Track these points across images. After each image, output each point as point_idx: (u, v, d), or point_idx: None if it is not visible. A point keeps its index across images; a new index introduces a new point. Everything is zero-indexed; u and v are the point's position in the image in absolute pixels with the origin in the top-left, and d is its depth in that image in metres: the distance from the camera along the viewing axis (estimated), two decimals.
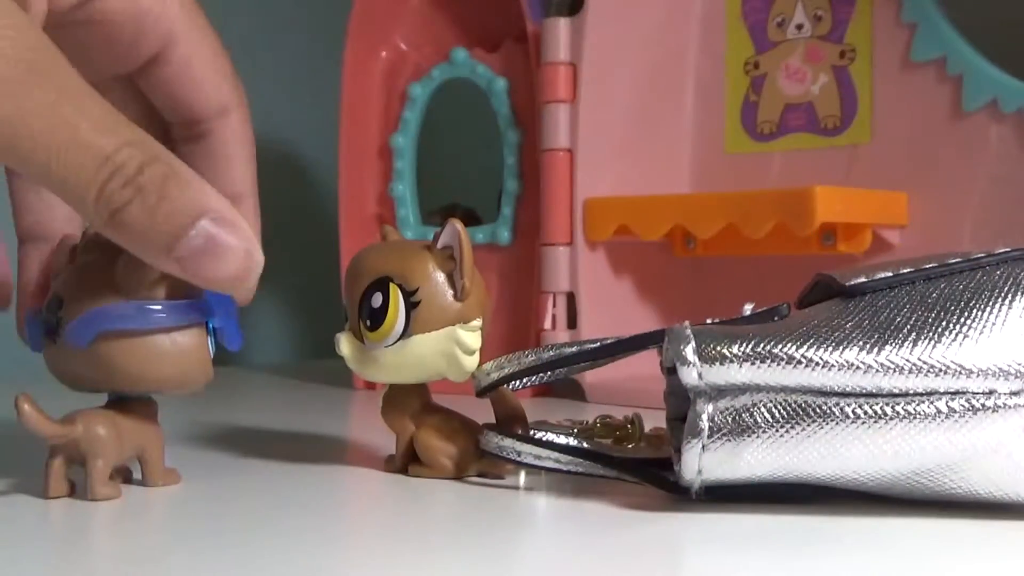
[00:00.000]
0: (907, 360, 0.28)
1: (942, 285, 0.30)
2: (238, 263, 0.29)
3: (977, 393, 0.28)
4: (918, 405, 0.28)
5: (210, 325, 0.33)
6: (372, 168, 0.67)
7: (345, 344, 0.35)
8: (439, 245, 0.34)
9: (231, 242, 0.29)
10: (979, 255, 0.31)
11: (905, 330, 0.29)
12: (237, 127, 0.35)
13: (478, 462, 0.35)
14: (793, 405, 0.28)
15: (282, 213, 0.84)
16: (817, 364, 0.28)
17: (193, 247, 0.29)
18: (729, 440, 0.29)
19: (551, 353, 0.34)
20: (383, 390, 0.37)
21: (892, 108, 0.57)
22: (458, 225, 0.34)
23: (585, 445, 0.34)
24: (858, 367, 0.28)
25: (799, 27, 0.60)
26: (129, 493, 0.33)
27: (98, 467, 0.32)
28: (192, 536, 0.29)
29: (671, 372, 0.31)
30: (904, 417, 0.28)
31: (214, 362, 0.34)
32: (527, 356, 0.34)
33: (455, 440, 0.35)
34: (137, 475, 0.34)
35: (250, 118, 0.36)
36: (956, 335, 0.28)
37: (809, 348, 0.28)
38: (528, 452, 0.33)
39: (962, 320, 0.29)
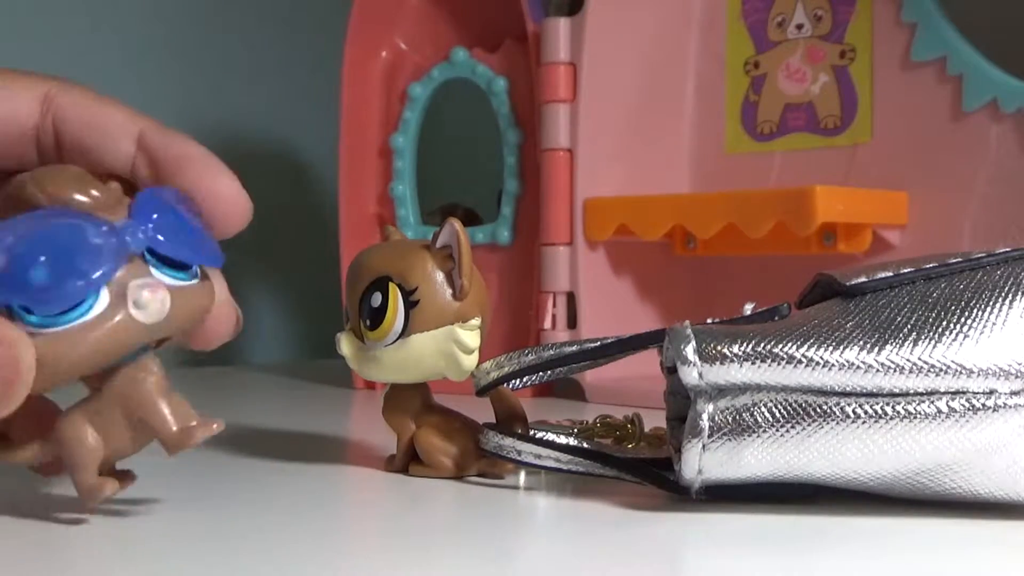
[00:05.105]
0: (907, 360, 0.28)
1: (942, 285, 0.30)
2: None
3: (977, 393, 0.28)
4: (918, 405, 0.28)
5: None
6: (372, 168, 0.67)
7: (346, 344, 0.35)
8: (437, 244, 0.34)
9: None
10: (979, 255, 0.31)
11: (905, 330, 0.29)
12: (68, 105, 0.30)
13: (478, 462, 0.35)
14: (793, 405, 0.28)
15: (282, 213, 0.84)
16: (817, 364, 0.28)
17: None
18: (729, 440, 0.29)
19: (551, 352, 0.34)
20: (384, 390, 0.37)
21: (892, 108, 0.57)
22: (456, 224, 0.34)
23: (585, 445, 0.34)
24: (858, 367, 0.28)
25: (799, 27, 0.60)
26: (128, 492, 0.33)
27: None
28: (191, 536, 0.29)
29: (671, 372, 0.31)
30: (904, 417, 0.28)
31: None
32: (527, 355, 0.34)
33: (455, 440, 0.35)
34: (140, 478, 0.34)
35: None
36: (956, 335, 0.28)
37: (809, 348, 0.28)
38: (528, 451, 0.33)
39: (962, 320, 0.29)
